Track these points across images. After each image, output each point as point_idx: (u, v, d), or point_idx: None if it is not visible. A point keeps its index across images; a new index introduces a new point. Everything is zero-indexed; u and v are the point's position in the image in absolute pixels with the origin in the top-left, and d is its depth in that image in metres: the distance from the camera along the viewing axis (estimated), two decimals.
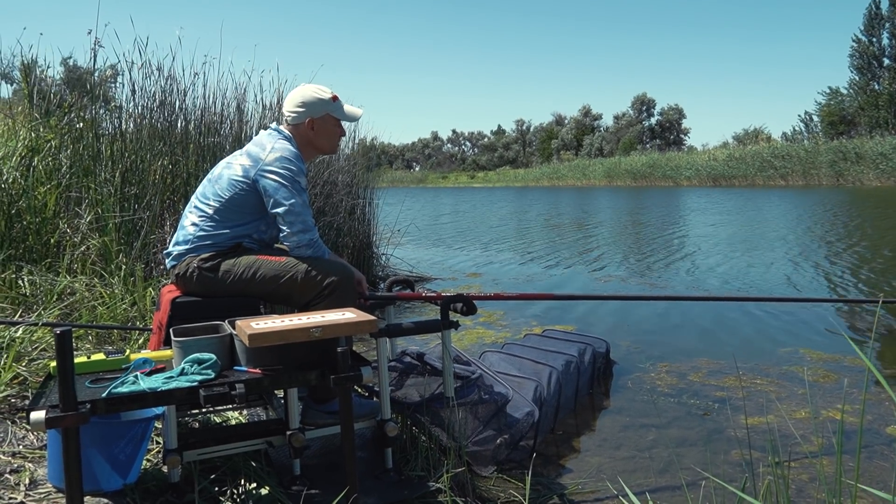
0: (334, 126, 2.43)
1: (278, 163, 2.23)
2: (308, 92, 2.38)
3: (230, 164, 2.32)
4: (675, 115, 67.46)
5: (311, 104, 2.37)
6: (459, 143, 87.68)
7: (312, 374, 1.79)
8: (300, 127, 2.39)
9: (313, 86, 2.41)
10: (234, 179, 2.25)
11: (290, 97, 2.41)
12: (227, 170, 2.30)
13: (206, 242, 2.25)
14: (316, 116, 2.37)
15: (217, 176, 2.32)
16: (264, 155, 2.26)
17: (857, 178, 32.97)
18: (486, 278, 6.89)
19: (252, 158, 2.27)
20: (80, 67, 6.07)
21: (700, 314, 4.92)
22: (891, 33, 44.81)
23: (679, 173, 42.67)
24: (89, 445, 1.73)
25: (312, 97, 2.37)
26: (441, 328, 2.36)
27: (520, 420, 2.45)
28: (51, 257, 3.87)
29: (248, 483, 2.00)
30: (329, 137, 2.44)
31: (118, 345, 3.17)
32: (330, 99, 2.39)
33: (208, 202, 2.28)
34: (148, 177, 4.34)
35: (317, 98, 2.37)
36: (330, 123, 2.41)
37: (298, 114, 2.37)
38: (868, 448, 2.53)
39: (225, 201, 2.25)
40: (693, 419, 2.90)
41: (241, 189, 2.24)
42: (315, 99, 2.37)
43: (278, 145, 2.28)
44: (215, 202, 2.26)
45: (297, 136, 2.40)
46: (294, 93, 2.41)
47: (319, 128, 2.39)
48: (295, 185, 2.23)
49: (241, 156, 2.31)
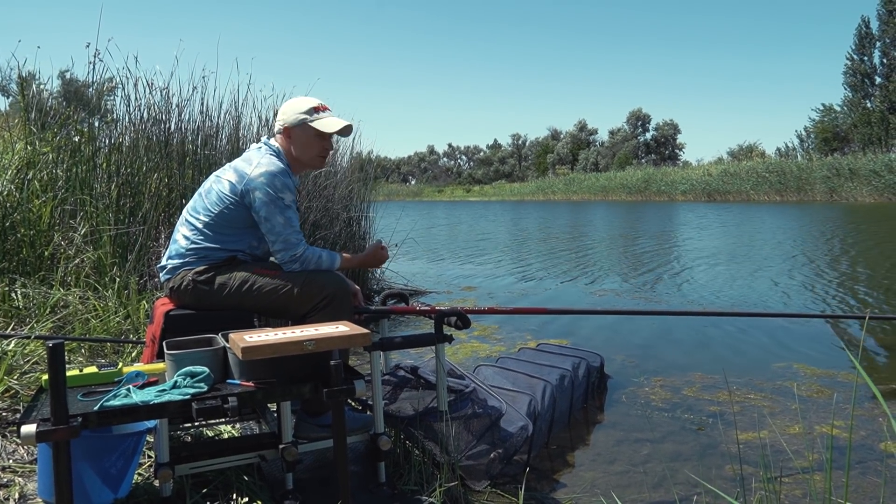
0: (313, 136, 2.36)
1: (262, 178, 2.21)
2: (290, 102, 2.39)
3: (219, 178, 2.31)
4: (671, 131, 67.91)
5: (288, 113, 2.36)
6: (455, 157, 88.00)
7: (305, 388, 1.79)
8: (279, 138, 2.39)
9: (303, 97, 2.40)
10: (223, 195, 2.25)
11: (281, 107, 2.43)
12: (216, 184, 2.30)
13: (200, 256, 2.25)
14: (291, 125, 2.35)
15: (207, 190, 2.32)
16: (250, 170, 2.24)
17: (850, 194, 33.14)
18: (480, 292, 6.90)
19: (238, 174, 2.26)
20: (78, 80, 6.09)
21: (694, 329, 4.93)
22: (882, 52, 45.31)
23: (674, 188, 42.83)
24: (80, 459, 1.72)
25: (291, 106, 2.37)
26: (435, 342, 2.36)
27: (514, 434, 2.45)
28: (44, 270, 3.86)
29: (241, 497, 1.99)
30: (304, 148, 2.36)
31: (111, 358, 3.16)
32: (311, 108, 2.35)
33: (199, 216, 2.28)
34: (144, 190, 4.34)
35: (293, 107, 2.36)
36: (308, 133, 2.35)
37: (278, 123, 2.38)
38: (861, 464, 2.53)
39: (215, 216, 2.25)
40: (687, 434, 2.90)
41: (230, 204, 2.24)
42: (292, 108, 2.36)
43: (264, 161, 2.27)
44: (205, 216, 2.26)
45: (282, 148, 2.39)
46: (284, 103, 2.43)
47: (296, 137, 2.36)
48: (277, 203, 2.21)
49: (230, 171, 2.30)
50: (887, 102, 43.55)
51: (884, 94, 44.17)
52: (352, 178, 6.33)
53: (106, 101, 5.20)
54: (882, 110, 43.83)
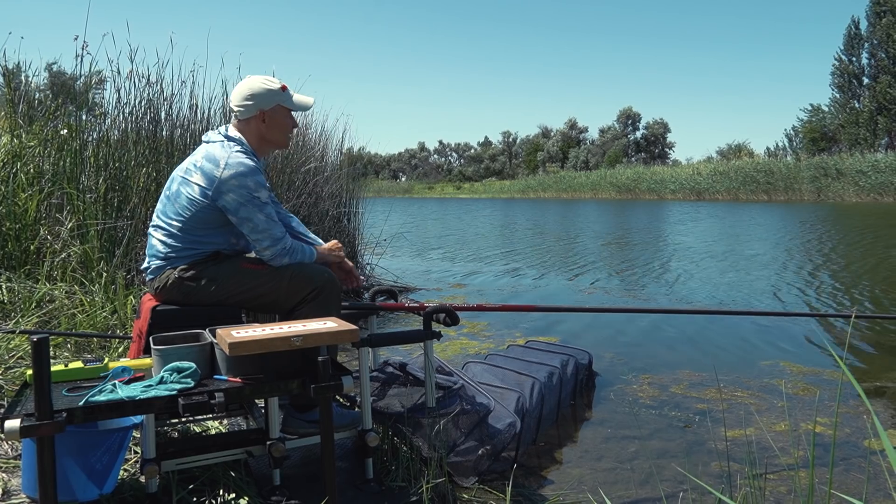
0: (285, 117, 2.32)
1: (234, 180, 2.12)
2: (256, 83, 2.27)
3: (186, 181, 2.19)
4: (660, 130, 68.15)
5: (261, 95, 2.25)
6: (446, 154, 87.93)
7: (293, 384, 1.78)
8: (251, 121, 2.27)
9: (261, 77, 2.31)
10: (193, 199, 2.16)
11: (238, 90, 2.28)
12: (184, 187, 2.19)
13: (182, 255, 2.20)
14: (266, 108, 2.26)
15: (175, 193, 2.21)
16: (219, 172, 2.13)
17: (837, 194, 33.44)
18: (470, 289, 6.90)
19: (207, 178, 2.15)
20: (65, 73, 6.04)
21: (682, 327, 4.96)
22: (870, 53, 45.67)
23: (663, 187, 43.04)
24: (65, 455, 1.71)
25: (261, 88, 2.26)
26: (424, 338, 2.36)
27: (502, 431, 2.46)
28: (30, 264, 3.82)
29: (228, 493, 1.98)
30: (281, 129, 2.32)
31: (98, 353, 3.14)
32: (279, 89, 2.28)
33: (171, 221, 2.20)
34: (132, 184, 4.31)
35: (266, 89, 2.26)
36: (281, 115, 2.30)
37: (247, 107, 2.25)
38: (845, 461, 2.56)
39: (187, 220, 2.17)
40: (674, 431, 2.92)
41: (202, 207, 2.16)
42: (264, 90, 2.26)
43: (232, 159, 2.15)
44: (178, 221, 2.19)
45: (248, 132, 2.28)
46: (241, 85, 2.29)
47: (270, 120, 2.28)
48: (254, 202, 2.13)
49: (196, 173, 2.18)
50: (875, 103, 43.90)
51: (871, 95, 44.52)
52: (341, 175, 6.31)
53: (94, 94, 5.16)
54: (870, 111, 44.19)
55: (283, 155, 5.36)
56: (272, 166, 5.21)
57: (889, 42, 42.72)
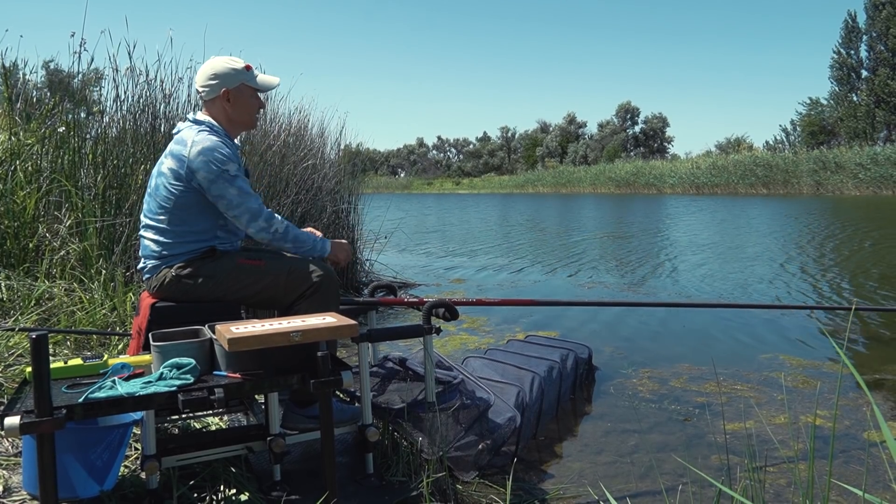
0: (250, 97, 2.31)
1: (201, 156, 2.12)
2: (219, 63, 2.27)
3: (160, 171, 2.21)
4: (659, 124, 68.05)
5: (224, 75, 2.25)
6: (445, 150, 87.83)
7: (293, 379, 1.78)
8: (216, 102, 2.27)
9: (224, 57, 2.30)
10: (169, 185, 2.17)
11: (201, 71, 2.29)
12: (159, 178, 2.20)
13: (176, 252, 2.20)
14: (230, 87, 2.26)
15: (154, 188, 2.22)
16: (186, 151, 2.15)
17: (836, 187, 33.43)
18: (470, 284, 6.90)
19: (177, 159, 2.16)
20: (62, 71, 6.02)
21: (681, 320, 4.96)
22: (868, 46, 45.62)
23: (662, 181, 43.02)
24: (65, 451, 1.71)
25: (224, 67, 2.26)
26: (423, 333, 2.36)
27: (502, 425, 2.46)
28: (29, 262, 3.82)
29: (228, 489, 1.98)
30: (247, 109, 2.31)
31: (97, 350, 3.14)
32: (243, 68, 2.28)
33: (156, 217, 2.20)
34: (131, 181, 4.30)
35: (229, 68, 2.26)
36: (246, 94, 2.30)
37: (211, 87, 2.25)
38: (845, 453, 2.57)
39: (170, 210, 2.17)
40: (674, 424, 2.92)
41: (180, 192, 2.16)
42: (228, 69, 2.26)
43: (198, 138, 2.16)
44: (162, 215, 2.19)
45: (215, 113, 2.28)
46: (204, 66, 2.29)
47: (235, 99, 2.28)
48: (223, 176, 2.13)
49: (168, 158, 2.20)
50: (873, 96, 43.87)
51: (870, 88, 44.48)
52: (339, 171, 6.30)
53: (92, 91, 5.14)
54: (868, 104, 44.16)
55: (281, 152, 5.35)
56: (270, 163, 5.20)
57: (888, 35, 42.67)
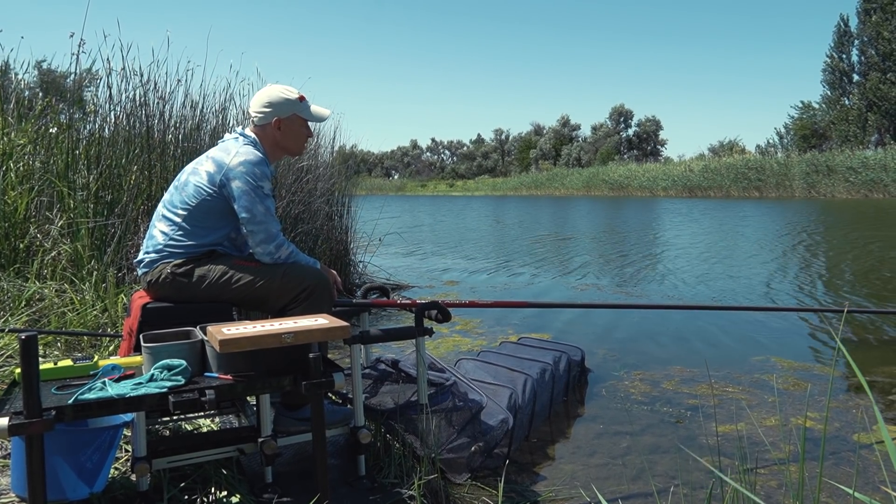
0: (301, 126, 2.41)
1: (242, 167, 2.20)
2: (275, 92, 2.36)
3: (196, 170, 2.28)
4: (653, 127, 68.28)
5: (278, 104, 2.34)
6: (438, 152, 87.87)
7: (284, 381, 1.78)
8: (267, 128, 2.36)
9: (280, 86, 2.39)
10: (200, 186, 2.22)
11: (257, 97, 2.38)
12: (192, 176, 2.27)
13: (178, 250, 2.22)
14: (283, 116, 2.35)
15: (183, 183, 2.28)
16: (228, 159, 2.22)
17: (828, 190, 33.61)
18: (463, 286, 6.90)
19: (217, 164, 2.24)
20: (55, 71, 5.99)
21: (674, 322, 4.97)
22: (860, 50, 45.92)
23: (656, 184, 43.12)
24: (54, 453, 1.70)
25: (279, 97, 2.35)
26: (416, 335, 2.36)
27: (494, 427, 2.46)
28: (20, 262, 3.80)
29: (219, 491, 1.98)
30: (296, 138, 2.42)
31: (88, 352, 3.12)
32: (297, 99, 2.37)
33: (176, 210, 2.24)
34: (123, 182, 4.28)
35: (284, 98, 2.35)
36: (297, 124, 2.39)
37: (265, 114, 2.34)
38: (835, 455, 2.58)
39: (192, 209, 2.22)
40: (666, 427, 2.93)
41: (209, 195, 2.22)
42: (282, 99, 2.35)
43: (242, 150, 2.26)
44: (183, 210, 2.23)
45: (264, 137, 2.37)
46: (261, 93, 2.39)
47: (286, 128, 2.37)
48: (258, 192, 2.20)
49: (207, 161, 2.27)
50: (865, 100, 44.16)
51: (861, 92, 44.77)
52: (333, 173, 6.30)
53: (86, 91, 5.12)
54: (860, 108, 44.45)
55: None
56: None
57: (879, 39, 42.96)
